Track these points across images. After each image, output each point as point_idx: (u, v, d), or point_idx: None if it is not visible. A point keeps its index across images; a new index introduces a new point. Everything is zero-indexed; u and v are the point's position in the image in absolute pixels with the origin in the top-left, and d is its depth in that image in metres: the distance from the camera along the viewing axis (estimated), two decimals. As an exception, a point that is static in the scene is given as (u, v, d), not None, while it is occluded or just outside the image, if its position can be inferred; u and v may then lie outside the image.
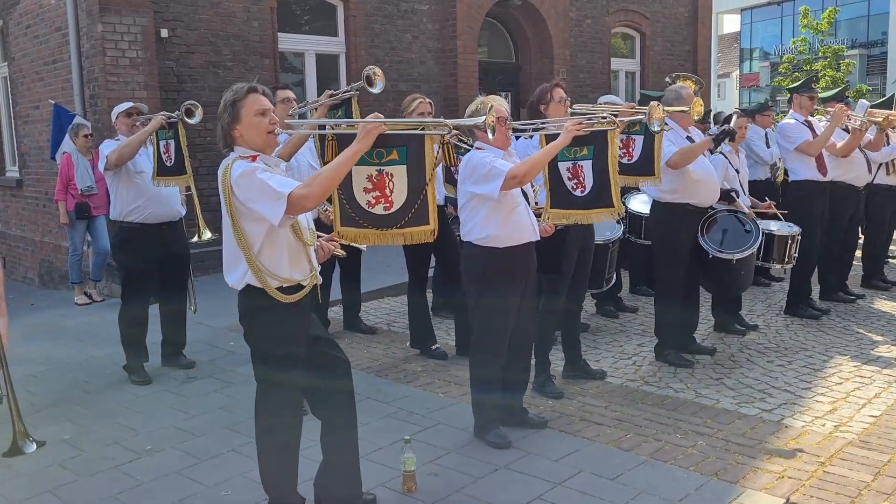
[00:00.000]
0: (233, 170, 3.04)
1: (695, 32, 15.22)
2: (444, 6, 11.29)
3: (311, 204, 2.97)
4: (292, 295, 3.19)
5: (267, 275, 3.12)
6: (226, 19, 9.28)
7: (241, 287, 3.18)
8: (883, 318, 6.81)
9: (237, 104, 3.12)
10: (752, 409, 4.71)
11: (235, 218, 3.07)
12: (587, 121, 4.12)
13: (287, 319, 3.21)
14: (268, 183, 2.96)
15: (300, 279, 3.22)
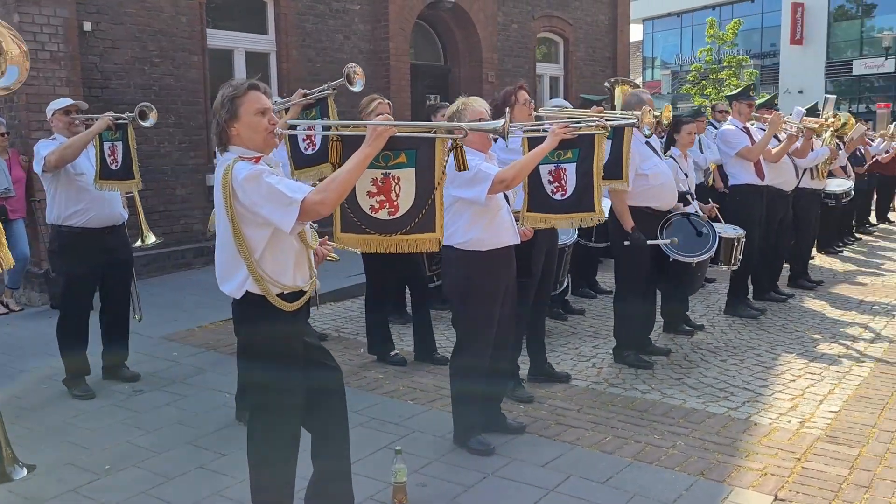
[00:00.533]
0: (235, 172, 2.86)
1: (614, 40, 15.61)
2: (375, 7, 11.16)
3: (326, 210, 2.83)
4: (293, 302, 3.04)
5: (269, 282, 2.96)
6: (153, 14, 8.87)
7: (239, 295, 3.00)
8: (816, 317, 7.11)
9: (236, 101, 2.95)
10: (719, 407, 4.81)
11: (237, 223, 2.89)
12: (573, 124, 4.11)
13: (287, 328, 3.05)
14: (277, 187, 2.80)
15: (302, 285, 3.07)
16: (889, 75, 35.86)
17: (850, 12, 39.39)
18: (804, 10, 39.42)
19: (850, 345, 6.17)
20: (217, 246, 3.11)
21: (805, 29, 39.51)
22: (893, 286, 8.52)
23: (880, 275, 9.20)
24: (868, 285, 8.58)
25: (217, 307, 7.47)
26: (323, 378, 3.29)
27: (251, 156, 2.96)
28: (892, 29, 36.24)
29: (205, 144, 9.34)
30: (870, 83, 37.58)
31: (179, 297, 7.91)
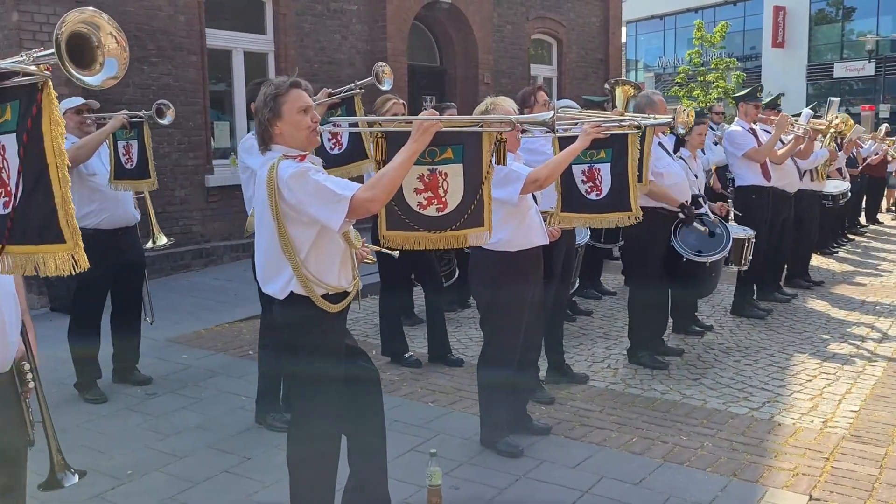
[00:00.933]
0: (280, 170, 2.81)
1: (606, 42, 15.66)
2: (373, 7, 11.11)
3: (375, 207, 2.80)
4: (338, 303, 3.00)
5: (314, 282, 2.91)
6: (151, 13, 8.77)
7: (283, 296, 2.95)
8: (822, 317, 7.16)
9: (279, 99, 2.90)
10: (741, 408, 4.81)
11: (282, 222, 2.85)
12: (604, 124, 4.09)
13: (332, 329, 3.02)
14: (325, 184, 2.76)
15: (346, 286, 3.03)
16: (869, 78, 36.33)
17: (830, 16, 39.87)
18: (786, 13, 39.84)
19: (860, 345, 6.22)
20: (258, 247, 3.06)
21: (787, 32, 39.93)
22: (892, 286, 8.60)
23: (878, 275, 9.28)
24: (867, 285, 8.65)
25: (219, 310, 7.41)
26: (361, 379, 3.26)
27: (295, 154, 2.91)
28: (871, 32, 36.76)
29: (204, 145, 9.26)
30: (849, 86, 38.03)
31: (180, 300, 7.81)
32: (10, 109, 1.78)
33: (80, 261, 1.82)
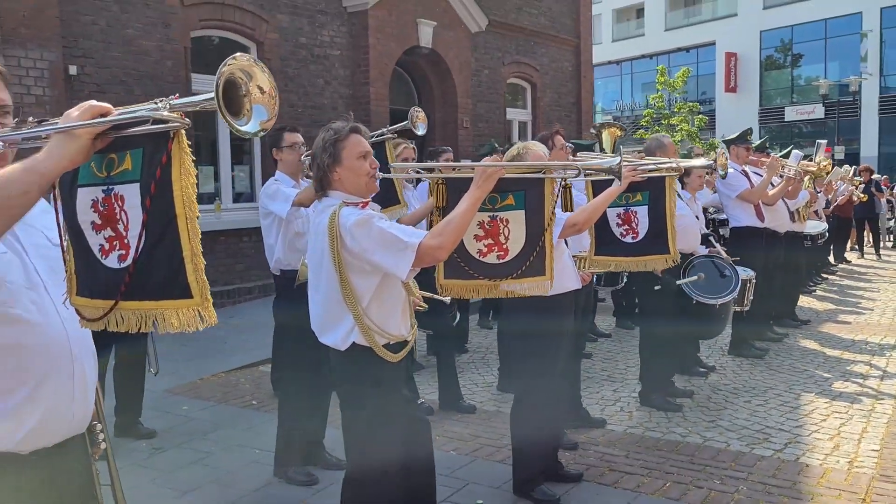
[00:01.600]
0: (342, 217, 2.75)
1: (578, 86, 15.94)
2: (355, 53, 11.17)
3: (443, 255, 2.74)
4: (398, 353, 2.92)
5: (376, 332, 2.84)
6: (139, 58, 8.68)
7: (345, 346, 2.86)
8: (818, 356, 7.24)
9: (338, 144, 2.86)
10: (765, 450, 4.80)
11: (343, 270, 2.77)
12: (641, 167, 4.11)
13: (393, 379, 2.93)
14: (391, 231, 2.71)
15: (406, 335, 2.96)
16: (819, 121, 37.59)
17: (780, 62, 41.30)
18: (737, 59, 41.17)
19: (863, 383, 6.29)
20: (314, 296, 2.98)
21: (739, 77, 41.22)
22: (876, 324, 8.77)
23: (860, 313, 9.46)
24: (853, 324, 8.80)
25: (214, 358, 7.21)
26: (414, 430, 3.17)
27: (356, 201, 2.86)
28: (818, 77, 38.13)
29: (189, 190, 9.10)
30: (800, 128, 39.24)
31: (171, 349, 7.56)
32: (130, 158, 1.70)
33: (208, 316, 1.73)
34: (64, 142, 1.64)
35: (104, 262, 1.73)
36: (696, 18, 44.03)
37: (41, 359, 1.86)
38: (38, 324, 1.85)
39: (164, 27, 8.94)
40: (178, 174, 1.64)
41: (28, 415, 1.87)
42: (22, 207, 1.60)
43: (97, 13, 8.36)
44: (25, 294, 1.85)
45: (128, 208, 1.70)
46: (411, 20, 11.68)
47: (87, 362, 2.04)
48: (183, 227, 1.64)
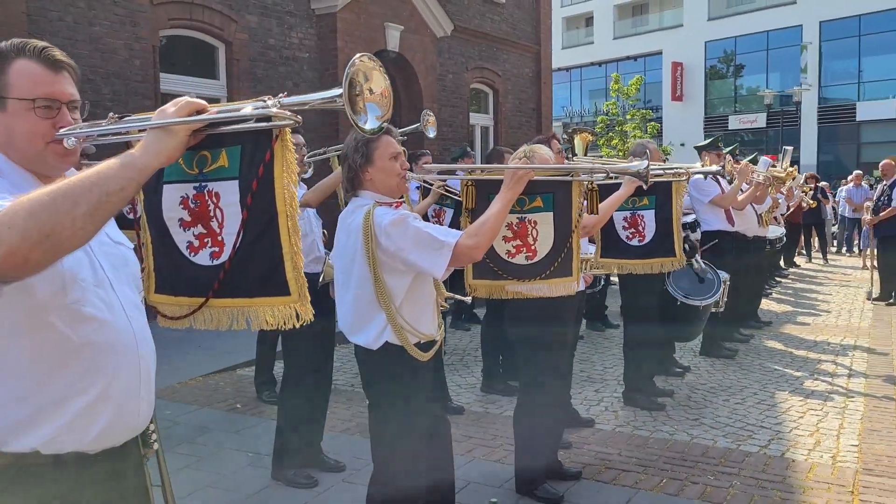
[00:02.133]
0: (377, 217, 2.77)
1: (538, 92, 16.14)
2: (323, 55, 11.12)
3: (478, 255, 2.78)
4: (428, 352, 2.95)
5: (408, 331, 2.86)
6: (106, 56, 8.51)
7: (377, 346, 2.88)
8: (785, 356, 7.49)
9: (371, 145, 2.88)
10: (751, 446, 4.96)
11: (378, 270, 2.79)
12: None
13: (424, 378, 2.96)
14: (427, 231, 2.74)
15: (435, 334, 2.99)
16: (760, 130, 38.74)
17: (722, 72, 42.44)
18: (683, 68, 42.17)
19: (832, 381, 6.53)
20: (343, 296, 2.99)
21: (685, 86, 42.23)
22: (834, 325, 9.10)
23: (817, 315, 9.80)
24: (811, 325, 9.11)
25: (190, 362, 7.10)
26: (439, 430, 3.21)
27: (389, 200, 2.88)
28: (759, 87, 39.28)
29: (158, 191, 8.95)
30: (742, 137, 40.37)
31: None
32: (225, 155, 1.70)
33: (304, 313, 1.73)
34: (161, 138, 1.63)
35: (193, 260, 1.73)
36: (644, 28, 44.97)
37: (111, 356, 1.84)
38: (108, 321, 1.83)
39: (133, 25, 8.79)
40: (281, 171, 1.65)
41: (100, 413, 1.85)
42: (120, 204, 1.59)
43: (64, 9, 8.16)
44: (94, 292, 1.83)
45: (223, 205, 1.69)
46: (379, 24, 11.69)
47: (151, 359, 2.02)
48: (283, 225, 1.64)
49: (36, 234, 1.46)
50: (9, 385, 1.74)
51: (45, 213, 1.47)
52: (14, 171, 1.80)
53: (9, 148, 1.80)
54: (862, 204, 16.28)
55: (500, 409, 5.82)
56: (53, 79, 1.81)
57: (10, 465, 1.78)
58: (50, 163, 1.83)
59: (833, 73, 37.88)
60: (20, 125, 1.78)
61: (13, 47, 1.80)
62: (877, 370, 6.90)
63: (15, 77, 1.78)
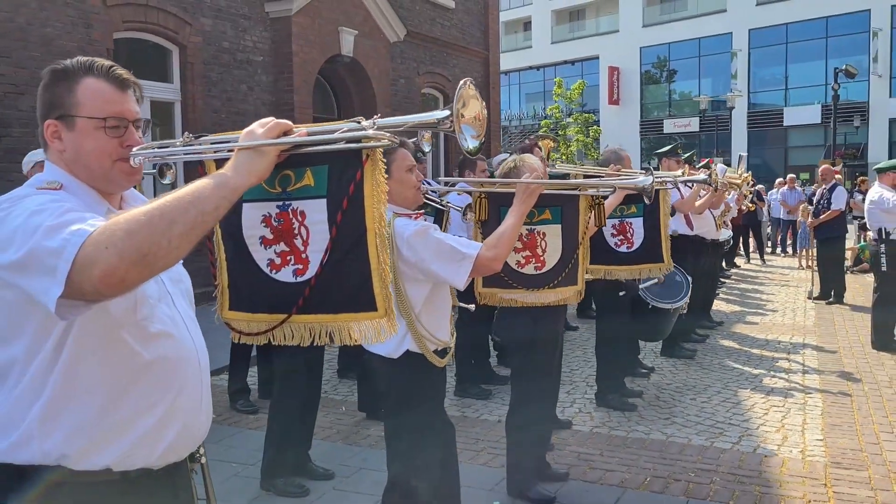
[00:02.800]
0: (398, 227, 2.82)
1: (487, 96, 16.28)
2: (278, 59, 11.04)
3: (498, 266, 2.86)
4: (444, 358, 3.02)
5: (427, 339, 2.92)
6: (59, 58, 8.19)
7: (398, 354, 2.93)
8: (741, 355, 7.78)
9: (388, 158, 2.91)
10: (724, 443, 5.16)
11: (398, 280, 2.84)
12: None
13: (439, 383, 3.02)
14: (448, 243, 2.80)
15: (449, 341, 3.05)
16: (693, 133, 39.88)
17: (657, 77, 43.55)
18: (620, 73, 43.12)
19: (789, 378, 6.82)
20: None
21: (621, 91, 43.16)
22: (781, 324, 9.47)
23: (763, 314, 10.18)
24: (760, 324, 9.47)
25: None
26: (449, 435, 3.27)
27: (408, 212, 2.93)
28: (692, 92, 40.46)
29: (113, 197, 8.75)
30: (675, 140, 41.44)
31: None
32: (311, 174, 1.72)
33: (389, 329, 1.77)
34: (252, 158, 1.66)
35: (274, 277, 1.75)
36: (581, 33, 45.81)
37: (178, 371, 1.86)
38: (173, 336, 1.85)
39: (86, 27, 8.58)
40: (372, 190, 1.69)
41: (168, 429, 1.87)
42: (213, 223, 1.62)
43: (14, 10, 7.92)
44: (159, 307, 1.85)
45: (309, 224, 1.72)
46: (333, 28, 11.66)
47: (208, 373, 2.04)
48: (372, 242, 1.68)
49: (134, 254, 1.48)
50: (83, 404, 1.74)
51: (142, 233, 1.49)
52: (81, 189, 1.81)
53: (75, 166, 1.81)
54: (796, 206, 16.98)
55: (477, 412, 5.91)
56: (121, 97, 1.82)
57: (81, 483, 1.78)
58: (116, 181, 1.85)
59: (761, 79, 39.28)
60: (89, 143, 1.79)
61: (80, 66, 1.81)
62: (828, 367, 7.23)
63: (84, 96, 1.79)
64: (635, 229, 4.44)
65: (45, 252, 1.49)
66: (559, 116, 23.98)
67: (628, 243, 4.48)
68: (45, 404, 1.70)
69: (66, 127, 1.79)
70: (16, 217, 1.58)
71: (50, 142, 1.81)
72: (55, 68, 1.82)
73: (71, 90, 1.79)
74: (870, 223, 8.17)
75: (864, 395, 6.29)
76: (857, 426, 5.50)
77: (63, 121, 1.79)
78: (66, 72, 1.81)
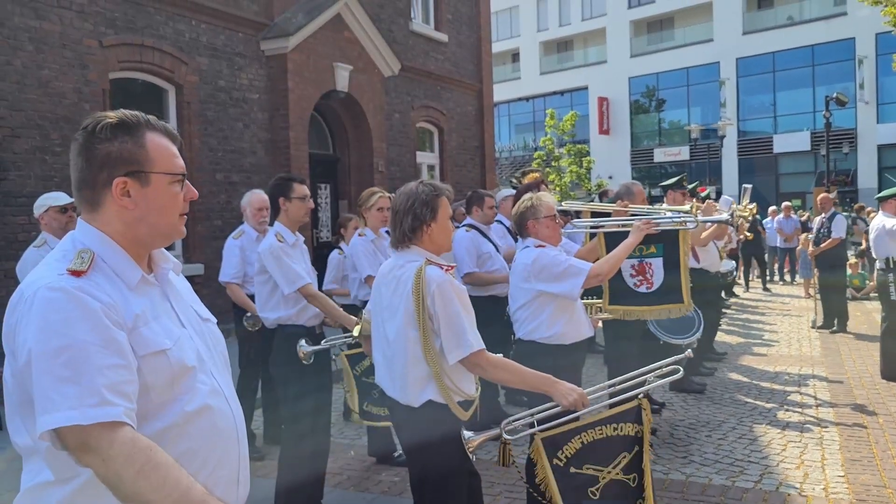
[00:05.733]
0: (428, 276, 2.73)
1: (481, 130, 16.35)
2: (273, 96, 11.02)
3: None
4: (468, 411, 2.91)
5: (453, 390, 2.82)
6: (55, 100, 8.23)
7: (419, 403, 2.82)
8: (752, 388, 7.67)
9: (437, 201, 2.87)
10: (745, 482, 5.03)
11: (426, 329, 2.75)
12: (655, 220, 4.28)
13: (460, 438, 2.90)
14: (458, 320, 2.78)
15: (474, 393, 2.95)
16: (683, 162, 40.09)
17: (646, 106, 43.88)
18: (609, 103, 43.43)
19: (803, 411, 6.71)
20: (384, 350, 2.94)
21: (611, 120, 43.45)
22: (787, 355, 9.38)
23: (769, 345, 10.09)
24: (767, 356, 9.38)
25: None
26: (474, 485, 3.15)
27: (440, 262, 2.86)
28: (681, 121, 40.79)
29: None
30: (665, 169, 41.70)
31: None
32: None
33: None
34: None
35: None
36: (570, 64, 46.20)
37: (218, 444, 1.76)
38: (213, 407, 1.75)
39: (82, 68, 8.53)
40: None
41: None
42: None
43: (11, 53, 7.87)
44: (198, 377, 1.75)
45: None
46: (328, 64, 11.66)
47: (246, 443, 1.92)
48: None
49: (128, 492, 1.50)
50: None
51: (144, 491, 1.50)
52: (116, 256, 1.71)
53: (141, 224, 1.73)
54: (793, 234, 17.00)
55: (489, 454, 5.76)
56: (176, 153, 1.80)
57: None
58: (174, 236, 1.82)
59: (750, 107, 39.62)
60: (161, 199, 1.73)
61: (139, 120, 1.75)
62: (840, 399, 7.13)
63: (155, 151, 1.73)
64: (655, 269, 4.36)
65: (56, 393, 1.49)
66: (552, 148, 24.04)
67: (648, 283, 4.39)
68: (75, 490, 1.59)
69: (139, 184, 1.70)
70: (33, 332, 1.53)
71: (117, 199, 1.70)
72: (115, 122, 1.72)
73: (141, 145, 1.71)
74: (876, 252, 8.13)
75: (881, 427, 6.19)
76: (876, 460, 5.39)
77: (135, 177, 1.70)
78: (129, 126, 1.72)
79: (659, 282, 4.36)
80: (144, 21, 9.25)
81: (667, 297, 4.36)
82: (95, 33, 8.64)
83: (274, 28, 10.92)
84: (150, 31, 9.30)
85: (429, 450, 2.91)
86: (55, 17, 8.24)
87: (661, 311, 4.49)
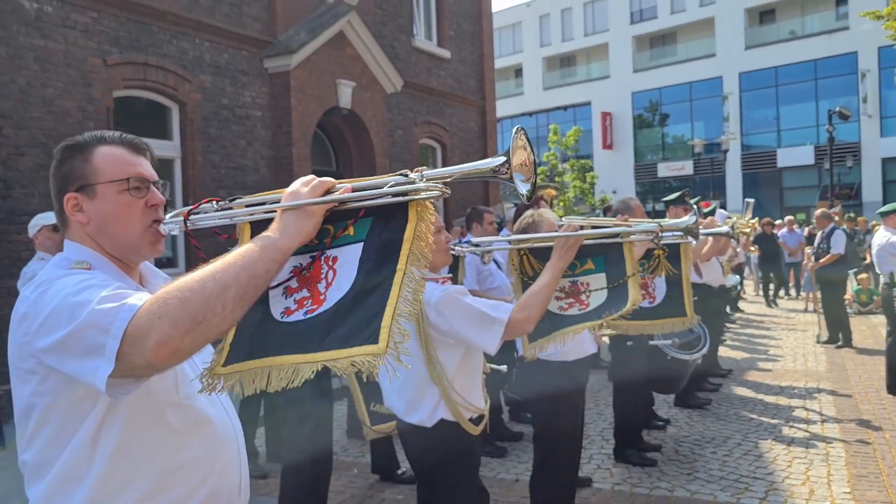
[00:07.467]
0: (426, 298, 2.72)
1: (484, 146, 16.37)
2: (276, 114, 11.05)
3: (530, 327, 2.75)
4: (479, 426, 2.89)
5: (461, 406, 2.80)
6: (59, 118, 8.25)
7: (431, 423, 2.80)
8: (757, 404, 7.62)
9: None
10: (751, 499, 4.99)
11: (429, 347, 2.73)
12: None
13: (475, 451, 2.89)
14: (478, 307, 2.70)
15: (483, 407, 2.93)
16: (687, 177, 40.09)
17: (649, 121, 43.94)
18: (612, 118, 43.52)
19: (808, 427, 6.66)
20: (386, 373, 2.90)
21: (614, 135, 43.52)
22: (793, 370, 9.33)
23: (774, 360, 10.04)
24: (773, 371, 9.32)
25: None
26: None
27: (433, 276, 2.84)
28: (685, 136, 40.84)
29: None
30: (669, 184, 41.69)
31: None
32: (353, 228, 1.64)
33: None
34: (300, 218, 1.59)
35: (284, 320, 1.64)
36: (572, 79, 46.34)
37: (220, 452, 1.78)
38: (212, 416, 1.79)
39: (86, 87, 8.57)
40: (411, 235, 1.58)
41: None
42: (264, 286, 1.55)
43: (15, 72, 7.91)
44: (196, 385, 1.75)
45: (339, 266, 1.62)
46: (331, 81, 11.70)
47: (245, 454, 1.94)
48: (397, 281, 1.56)
49: (188, 322, 1.41)
50: (129, 490, 1.65)
51: (196, 300, 1.42)
52: (104, 264, 1.73)
53: (101, 237, 1.74)
54: (797, 248, 16.95)
55: (493, 471, 5.73)
56: (137, 160, 1.78)
57: None
58: (143, 249, 1.79)
59: (753, 121, 39.65)
60: (113, 209, 1.73)
61: (92, 137, 1.78)
62: (846, 414, 7.08)
63: (101, 162, 1.74)
64: (657, 284, 4.34)
65: (90, 330, 1.44)
66: (555, 163, 24.10)
67: (650, 297, 4.37)
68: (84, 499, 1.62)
69: (86, 197, 1.72)
70: (51, 298, 1.53)
71: (71, 215, 1.73)
72: (67, 144, 1.77)
73: (87, 160, 1.74)
74: (880, 267, 8.10)
75: (886, 443, 6.14)
76: (883, 476, 5.34)
77: (83, 191, 1.72)
78: (78, 145, 1.76)
79: (661, 296, 4.33)
80: (148, 39, 9.30)
81: (669, 310, 4.30)
82: (100, 52, 8.69)
83: (277, 46, 10.97)
84: (153, 50, 9.35)
85: (441, 469, 2.88)
86: (60, 36, 8.29)
87: (665, 325, 4.45)
